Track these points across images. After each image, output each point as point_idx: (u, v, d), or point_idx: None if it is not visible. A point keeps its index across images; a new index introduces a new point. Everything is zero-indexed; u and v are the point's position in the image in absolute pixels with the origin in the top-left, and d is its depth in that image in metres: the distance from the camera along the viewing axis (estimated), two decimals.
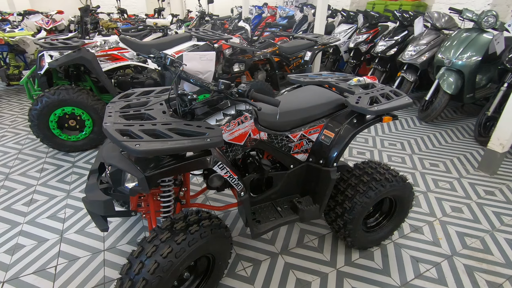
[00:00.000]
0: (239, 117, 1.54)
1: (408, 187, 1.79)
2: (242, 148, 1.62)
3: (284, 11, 7.61)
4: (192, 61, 1.62)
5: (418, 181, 2.74)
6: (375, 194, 1.68)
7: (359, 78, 1.97)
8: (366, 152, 3.24)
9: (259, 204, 1.81)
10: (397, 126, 3.95)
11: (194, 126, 1.32)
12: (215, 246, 1.39)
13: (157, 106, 1.54)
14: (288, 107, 1.72)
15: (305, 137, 1.76)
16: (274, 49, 4.01)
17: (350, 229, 1.74)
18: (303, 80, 2.06)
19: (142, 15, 9.71)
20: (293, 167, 1.80)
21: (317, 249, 1.97)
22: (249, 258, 1.88)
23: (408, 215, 1.96)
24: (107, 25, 4.20)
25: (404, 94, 1.77)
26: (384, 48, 4.86)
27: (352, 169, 1.83)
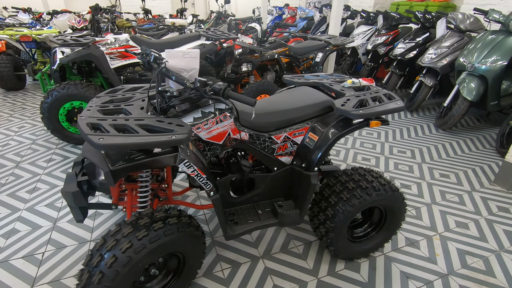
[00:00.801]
0: (218, 115, 1.52)
1: (398, 197, 1.67)
2: (222, 148, 1.59)
3: (304, 12, 7.50)
4: (175, 58, 1.61)
5: (423, 192, 2.57)
6: (359, 203, 1.59)
7: (354, 80, 1.88)
8: (371, 159, 3.09)
9: (241, 205, 1.78)
10: (411, 133, 3.74)
11: (166, 123, 1.31)
12: (183, 245, 1.38)
13: (138, 102, 1.56)
14: (272, 108, 1.67)
15: (289, 139, 1.70)
16: (284, 49, 3.95)
17: (332, 237, 1.66)
18: (296, 81, 2.01)
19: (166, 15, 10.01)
20: (276, 169, 1.75)
21: (301, 256, 1.89)
22: (229, 259, 1.85)
23: (400, 227, 1.84)
24: (122, 24, 4.36)
25: (397, 98, 1.66)
26: (403, 51, 4.64)
27: (339, 174, 1.74)
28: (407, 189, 2.60)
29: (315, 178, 1.61)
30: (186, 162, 1.29)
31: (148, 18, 8.65)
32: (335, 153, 3.17)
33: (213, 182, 1.41)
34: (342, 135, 1.58)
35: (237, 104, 1.67)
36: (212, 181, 1.40)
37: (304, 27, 7.34)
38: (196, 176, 1.34)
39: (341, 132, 1.58)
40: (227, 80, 3.96)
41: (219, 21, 6.03)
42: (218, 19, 6.02)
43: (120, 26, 4.31)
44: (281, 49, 3.93)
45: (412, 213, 2.30)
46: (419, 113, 4.47)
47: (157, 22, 7.17)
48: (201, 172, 1.34)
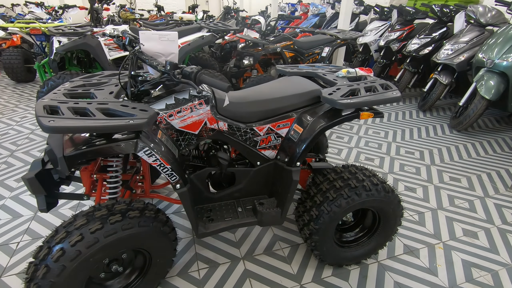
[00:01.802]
0: (192, 102, 1.40)
1: (393, 199, 1.50)
2: (198, 138, 1.47)
3: (316, 8, 7.29)
4: (151, 41, 1.51)
5: (429, 196, 2.35)
6: (347, 204, 1.43)
7: (350, 69, 1.72)
8: (375, 159, 2.89)
9: (220, 201, 1.65)
10: (421, 133, 3.50)
11: (130, 107, 1.21)
12: (146, 241, 1.27)
13: (111, 88, 1.47)
14: (255, 97, 1.54)
15: (273, 131, 1.56)
16: (288, 43, 3.79)
17: (317, 240, 1.51)
18: (289, 71, 1.87)
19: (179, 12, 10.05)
20: (259, 164, 1.61)
21: (285, 259, 1.75)
22: (208, 259, 1.73)
23: (397, 233, 1.66)
24: (126, 17, 4.34)
25: (394, 88, 1.49)
26: (418, 47, 4.37)
27: (328, 172, 1.59)
28: (412, 192, 2.40)
29: (297, 174, 1.46)
30: (147, 150, 1.18)
31: (161, 14, 8.69)
32: (337, 152, 2.99)
33: (180, 174, 1.29)
34: (328, 127, 1.42)
35: (217, 91, 1.55)
36: (179, 173, 1.29)
37: (316, 24, 7.12)
38: (159, 166, 1.22)
39: (327, 124, 1.42)
40: (228, 74, 3.85)
41: (227, 16, 5.94)
42: (226, 14, 5.93)
43: (124, 18, 4.30)
44: (285, 43, 3.77)
45: (414, 218, 2.10)
46: (432, 112, 4.19)
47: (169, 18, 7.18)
48: (164, 162, 1.22)
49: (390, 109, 4.26)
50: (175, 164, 1.28)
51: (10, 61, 4.74)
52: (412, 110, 4.27)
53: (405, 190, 2.42)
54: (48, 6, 6.00)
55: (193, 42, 3.19)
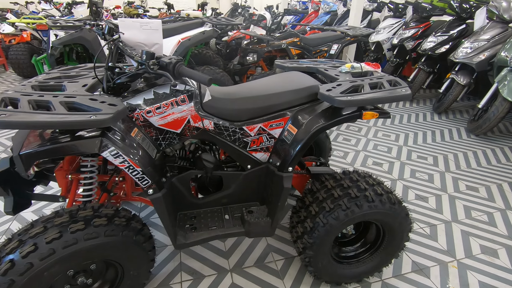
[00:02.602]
0: (174, 98, 1.26)
1: (399, 212, 1.31)
2: (180, 138, 1.33)
3: (328, 5, 7.06)
4: (132, 29, 1.37)
5: (442, 206, 2.13)
6: (345, 216, 1.25)
7: (354, 64, 1.54)
8: (384, 164, 2.68)
9: (206, 207, 1.50)
10: (436, 137, 3.25)
11: (98, 102, 1.08)
12: (116, 252, 1.13)
13: (86, 80, 1.34)
14: (245, 93, 1.38)
15: (265, 131, 1.40)
16: (295, 40, 3.61)
17: (311, 256, 1.33)
18: (288, 65, 1.71)
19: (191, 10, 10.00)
20: (250, 167, 1.45)
21: (278, 273, 1.58)
22: (193, 270, 1.58)
23: (403, 249, 1.46)
24: (129, 12, 4.26)
25: (403, 85, 1.30)
26: (434, 45, 4.11)
27: (326, 179, 1.41)
28: (423, 201, 2.18)
29: (289, 181, 1.29)
30: (113, 151, 1.04)
31: (170, 12, 8.64)
32: (342, 155, 2.80)
33: (154, 178, 1.14)
34: (325, 128, 1.25)
35: (203, 86, 1.40)
36: (153, 176, 1.14)
37: (328, 22, 6.89)
38: (127, 169, 1.08)
39: (324, 124, 1.25)
40: (232, 72, 3.70)
41: (235, 13, 5.80)
42: (234, 11, 5.80)
43: (127, 13, 4.22)
44: (292, 40, 3.60)
45: (425, 232, 1.89)
46: (448, 115, 3.93)
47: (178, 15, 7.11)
48: (134, 164, 1.08)
49: (402, 111, 4.02)
50: (149, 167, 1.13)
51: (17, 56, 4.74)
52: (426, 112, 4.02)
53: (415, 199, 2.20)
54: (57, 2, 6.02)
55: (193, 37, 3.06)
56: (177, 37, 3.22)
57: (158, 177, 1.17)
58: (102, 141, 1.02)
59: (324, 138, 2.13)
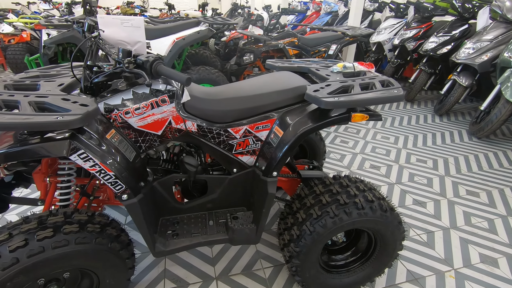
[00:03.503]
0: (154, 98, 1.20)
1: (391, 220, 1.24)
2: (162, 140, 1.27)
3: (329, 6, 6.98)
4: (112, 27, 1.31)
5: (441, 212, 2.05)
6: (333, 224, 1.18)
7: (347, 63, 1.47)
8: (381, 167, 2.60)
9: (190, 213, 1.44)
10: (436, 139, 3.17)
11: (70, 101, 1.02)
12: (88, 261, 1.07)
13: (65, 79, 1.29)
14: (230, 93, 1.32)
15: (251, 133, 1.34)
16: (292, 40, 3.55)
17: (297, 265, 1.26)
18: (279, 65, 1.64)
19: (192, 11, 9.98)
20: (236, 171, 1.39)
21: (265, 281, 1.51)
22: (177, 277, 1.52)
23: (397, 258, 1.39)
24: (125, 11, 4.23)
25: (396, 85, 1.23)
26: (435, 46, 4.02)
27: (315, 184, 1.34)
28: (421, 206, 2.10)
29: (273, 186, 1.23)
30: (83, 154, 0.98)
31: (171, 12, 8.62)
32: (339, 158, 2.72)
33: (129, 183, 1.08)
34: (311, 130, 1.18)
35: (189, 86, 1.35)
36: (128, 181, 1.08)
37: (329, 22, 6.81)
38: (99, 173, 1.02)
39: (310, 126, 1.18)
40: (229, 72, 3.64)
41: (234, 12, 5.75)
42: (233, 10, 5.75)
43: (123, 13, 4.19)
44: (289, 40, 3.53)
45: (421, 239, 1.81)
46: (449, 117, 3.84)
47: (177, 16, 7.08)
48: (106, 169, 1.02)
49: (402, 113, 3.93)
50: (123, 171, 1.08)
51: (14, 56, 4.72)
52: (427, 114, 3.93)
53: (413, 204, 2.13)
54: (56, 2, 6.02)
55: (188, 36, 3.01)
56: (172, 36, 3.16)
57: (134, 182, 1.11)
58: (71, 143, 0.96)
59: (318, 140, 2.06)
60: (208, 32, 3.06)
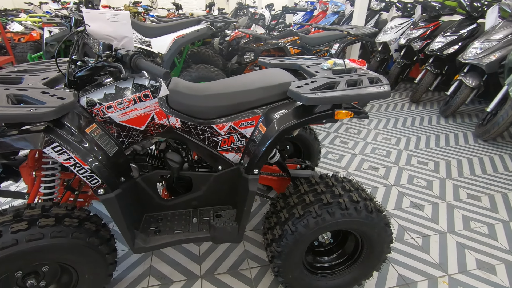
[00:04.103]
0: (136, 93, 1.19)
1: (377, 222, 1.19)
2: (145, 135, 1.26)
3: (336, 5, 6.91)
4: (98, 21, 1.31)
5: (439, 216, 1.98)
6: (316, 224, 1.15)
7: (337, 60, 1.43)
8: (380, 168, 2.54)
9: (175, 210, 1.43)
10: (440, 141, 3.08)
11: (48, 95, 1.02)
12: (65, 255, 1.07)
13: (50, 74, 1.30)
14: (215, 89, 1.30)
15: (235, 130, 1.31)
16: (294, 39, 3.51)
17: (280, 266, 1.23)
18: (270, 62, 1.62)
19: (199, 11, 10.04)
20: (221, 168, 1.37)
21: (251, 282, 1.49)
22: (162, 274, 1.51)
23: (384, 262, 1.34)
24: (129, 10, 4.27)
25: (384, 82, 1.18)
26: (442, 45, 3.92)
27: (301, 183, 1.31)
28: (418, 209, 2.04)
29: (254, 184, 1.20)
30: (57, 147, 0.98)
31: (179, 12, 8.69)
32: (337, 158, 2.68)
33: (105, 178, 1.07)
34: (293, 127, 1.15)
35: (174, 80, 1.33)
36: (104, 175, 1.07)
37: (335, 22, 6.74)
38: (73, 166, 1.02)
39: (292, 123, 1.15)
40: (230, 70, 3.63)
41: (239, 12, 5.75)
42: (238, 10, 5.75)
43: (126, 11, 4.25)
44: (291, 38, 3.50)
45: (416, 242, 1.75)
46: (455, 119, 3.73)
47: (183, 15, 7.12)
48: (81, 162, 1.01)
49: (406, 114, 3.85)
50: (101, 165, 1.07)
51: (22, 54, 4.82)
52: (432, 115, 3.83)
53: (410, 207, 2.06)
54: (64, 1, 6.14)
55: (187, 35, 3.01)
56: (172, 34, 3.17)
57: (112, 177, 1.10)
58: (44, 136, 0.96)
59: (312, 139, 2.03)
60: (208, 30, 3.05)
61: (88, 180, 1.05)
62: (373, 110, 3.96)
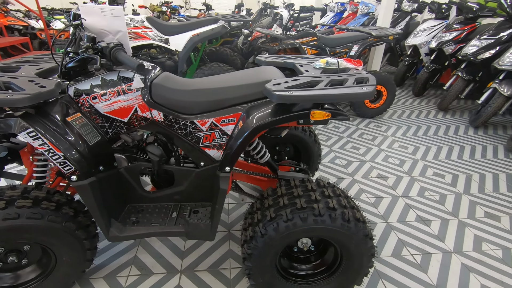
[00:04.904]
0: (121, 85, 1.22)
1: (355, 232, 1.11)
2: (128, 127, 1.29)
3: (366, 6, 6.65)
4: (93, 15, 1.37)
5: (446, 233, 1.82)
6: (286, 228, 1.10)
7: (330, 59, 1.37)
8: (389, 177, 2.39)
9: (157, 202, 1.44)
10: (464, 153, 2.83)
11: (33, 83, 1.08)
12: (42, 236, 1.12)
13: (49, 64, 1.38)
14: (198, 85, 1.30)
15: (217, 127, 1.30)
16: (311, 39, 3.43)
17: (250, 268, 1.20)
18: (267, 60, 1.59)
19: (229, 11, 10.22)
20: (204, 165, 1.36)
21: (228, 282, 1.46)
22: (144, 265, 1.54)
23: (365, 277, 1.25)
24: (153, 9, 4.44)
25: (370, 83, 1.10)
26: (476, 50, 3.61)
27: (281, 184, 1.26)
28: (424, 224, 1.88)
29: (225, 182, 1.18)
30: (32, 132, 1.02)
31: (209, 12, 8.89)
32: (345, 164, 2.56)
33: (79, 165, 1.11)
34: (267, 125, 1.11)
35: (162, 75, 1.35)
36: (79, 162, 1.11)
37: (365, 24, 6.49)
38: (47, 152, 1.06)
39: (266, 121, 1.11)
40: None
41: (264, 12, 5.74)
42: (263, 10, 5.75)
43: (151, 10, 4.41)
44: (308, 39, 3.42)
45: (415, 260, 1.62)
46: (487, 130, 3.41)
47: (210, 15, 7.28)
48: (55, 148, 1.06)
49: (432, 121, 3.59)
50: (76, 153, 1.11)
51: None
52: (460, 125, 3.54)
53: (415, 221, 1.91)
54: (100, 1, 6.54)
55: (202, 33, 3.07)
56: (189, 33, 3.25)
57: (88, 165, 1.14)
58: (19, 121, 1.01)
59: (311, 142, 1.96)
60: (221, 29, 3.08)
61: (61, 166, 1.09)
62: (394, 116, 3.75)
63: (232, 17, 3.52)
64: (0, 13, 5.84)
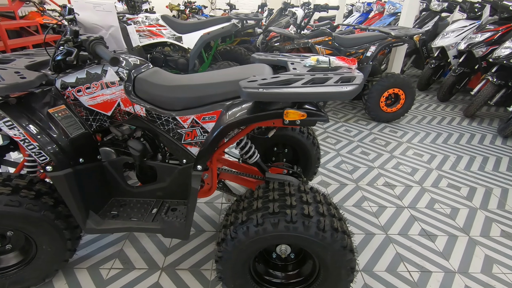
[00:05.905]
0: (104, 79, 1.23)
1: (331, 243, 1.03)
2: (112, 121, 1.30)
3: (393, 6, 6.35)
4: (86, 10, 1.40)
5: (453, 252, 1.66)
6: (256, 233, 1.04)
7: (321, 57, 1.30)
8: (397, 186, 2.23)
9: (141, 197, 1.44)
10: (487, 164, 2.59)
11: (17, 74, 1.11)
12: (20, 224, 1.15)
13: (44, 57, 1.42)
14: (181, 81, 1.28)
15: (198, 124, 1.27)
16: (326, 38, 3.31)
17: (220, 271, 1.15)
18: (260, 58, 1.54)
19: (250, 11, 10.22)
20: (186, 162, 1.34)
21: (207, 283, 1.43)
22: (127, 259, 1.54)
23: None
24: (172, 7, 4.51)
25: (354, 82, 1.01)
26: (510, 52, 3.31)
27: (258, 187, 1.21)
28: (428, 239, 1.73)
29: (197, 181, 1.14)
30: (8, 121, 1.05)
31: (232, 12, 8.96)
32: (350, 169, 2.43)
33: (54, 156, 1.12)
34: (239, 123, 1.06)
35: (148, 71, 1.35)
36: (55, 153, 1.12)
37: (391, 24, 6.21)
38: (23, 142, 1.08)
39: (238, 119, 1.06)
40: None
41: (284, 12, 5.66)
42: (283, 10, 5.66)
43: (170, 9, 4.49)
44: (322, 39, 3.30)
45: (411, 278, 1.49)
46: None
47: None
48: (30, 138, 1.08)
49: (455, 129, 3.33)
50: (53, 144, 1.12)
51: None
52: (487, 133, 3.25)
53: (418, 234, 1.76)
54: None
55: (212, 31, 3.07)
56: (202, 31, 3.28)
57: (65, 156, 1.15)
58: None
59: (310, 145, 1.87)
60: (232, 27, 3.07)
61: (36, 156, 1.11)
62: (413, 121, 3.52)
63: (245, 15, 3.49)
64: (37, 12, 6.24)
